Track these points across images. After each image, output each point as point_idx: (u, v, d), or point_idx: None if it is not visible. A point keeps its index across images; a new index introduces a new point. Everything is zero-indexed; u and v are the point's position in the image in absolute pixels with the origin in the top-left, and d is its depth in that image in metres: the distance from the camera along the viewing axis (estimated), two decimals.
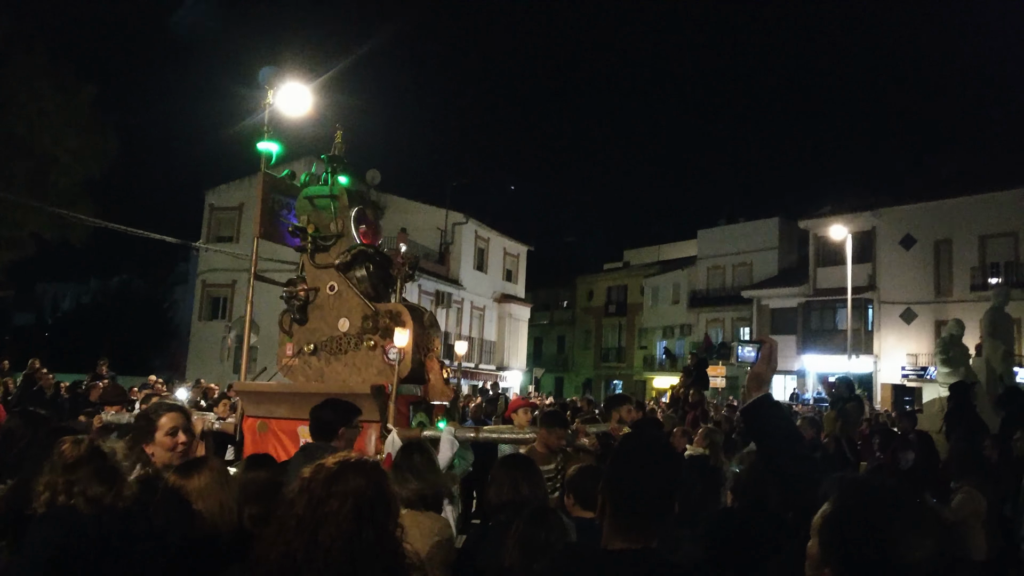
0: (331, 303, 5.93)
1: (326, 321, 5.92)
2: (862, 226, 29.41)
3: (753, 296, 34.56)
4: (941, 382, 11.34)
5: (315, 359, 5.87)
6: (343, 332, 5.82)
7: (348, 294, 5.87)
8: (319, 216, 6.00)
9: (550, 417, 5.11)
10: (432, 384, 5.90)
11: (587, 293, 50.61)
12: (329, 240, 5.98)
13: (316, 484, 1.94)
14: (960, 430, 7.39)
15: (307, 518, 1.89)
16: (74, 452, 2.41)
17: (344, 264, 5.86)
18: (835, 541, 1.37)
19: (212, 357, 23.71)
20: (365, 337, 5.71)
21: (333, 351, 5.83)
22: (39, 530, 2.28)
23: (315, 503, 1.90)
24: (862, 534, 1.33)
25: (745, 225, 38.53)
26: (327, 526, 1.86)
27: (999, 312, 11.43)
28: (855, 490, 1.40)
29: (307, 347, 5.88)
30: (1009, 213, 26.20)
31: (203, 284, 31.02)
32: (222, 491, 2.59)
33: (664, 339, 42.49)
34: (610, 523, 1.94)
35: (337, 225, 5.98)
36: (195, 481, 2.58)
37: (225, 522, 2.56)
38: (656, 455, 2.04)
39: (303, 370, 5.91)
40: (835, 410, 10.32)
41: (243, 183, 28.67)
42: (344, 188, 6.03)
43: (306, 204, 6.03)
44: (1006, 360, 11.11)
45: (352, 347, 5.78)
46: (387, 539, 1.94)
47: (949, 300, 27.15)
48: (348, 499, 1.90)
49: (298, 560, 1.84)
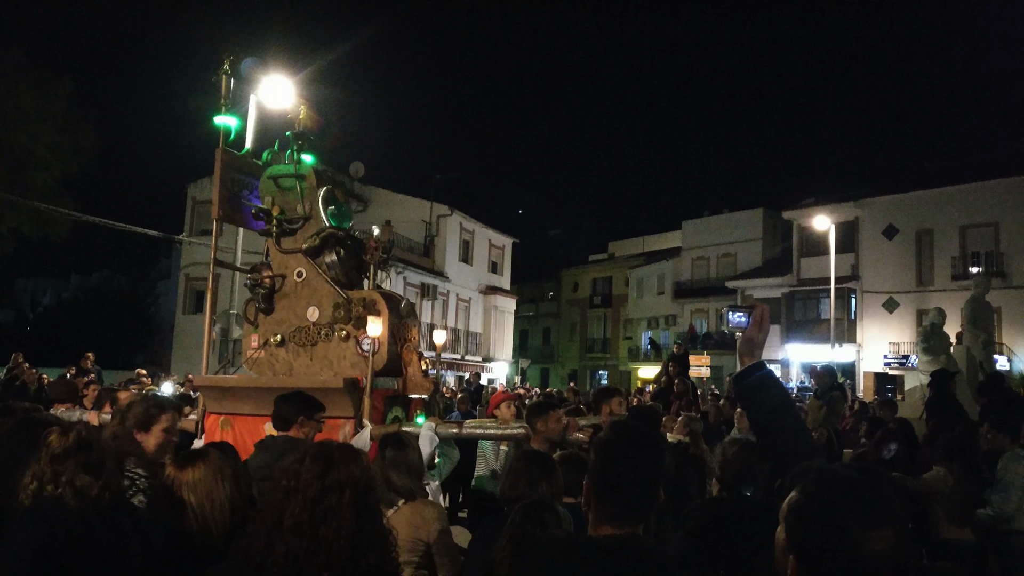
0: (299, 291, 5.53)
1: (294, 311, 5.52)
2: (845, 216, 29.65)
3: (737, 287, 34.76)
4: (922, 370, 11.48)
5: (283, 351, 5.49)
6: (312, 322, 5.44)
7: (317, 281, 5.48)
8: (285, 197, 5.58)
9: (542, 405, 4.81)
10: (410, 377, 5.51)
11: (572, 285, 50.71)
12: (296, 223, 5.56)
13: (307, 481, 1.89)
14: (939, 417, 7.48)
15: (306, 520, 1.85)
16: (62, 443, 2.38)
17: (313, 249, 5.48)
18: (797, 530, 1.39)
19: (197, 351, 23.53)
20: (337, 327, 5.33)
21: (302, 342, 5.44)
22: (25, 522, 2.24)
23: (312, 501, 1.86)
24: (822, 525, 1.34)
25: (729, 216, 38.72)
26: (329, 522, 1.84)
27: (979, 301, 11.59)
28: (818, 480, 1.41)
29: (274, 338, 5.48)
30: (989, 203, 26.53)
31: (186, 278, 30.76)
32: (216, 486, 2.55)
33: (649, 330, 42.69)
34: (596, 511, 1.96)
35: (304, 207, 5.54)
36: (189, 474, 2.55)
37: (216, 519, 2.51)
38: (641, 443, 2.06)
39: (270, 363, 5.53)
40: (821, 400, 10.40)
41: None
42: (311, 168, 5.63)
43: (270, 185, 5.60)
44: (986, 348, 11.28)
45: (323, 338, 5.39)
46: (381, 528, 1.94)
47: (931, 289, 27.47)
48: (345, 490, 1.88)
49: (300, 559, 1.82)
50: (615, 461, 1.98)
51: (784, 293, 32.28)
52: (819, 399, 10.60)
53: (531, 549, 1.97)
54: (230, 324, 15.92)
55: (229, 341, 15.93)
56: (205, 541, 2.46)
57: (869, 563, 1.30)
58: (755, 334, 2.19)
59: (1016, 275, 25.89)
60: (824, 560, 1.33)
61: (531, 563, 1.92)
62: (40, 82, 22.73)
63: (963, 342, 11.45)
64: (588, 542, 1.91)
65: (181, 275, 31.35)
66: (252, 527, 1.96)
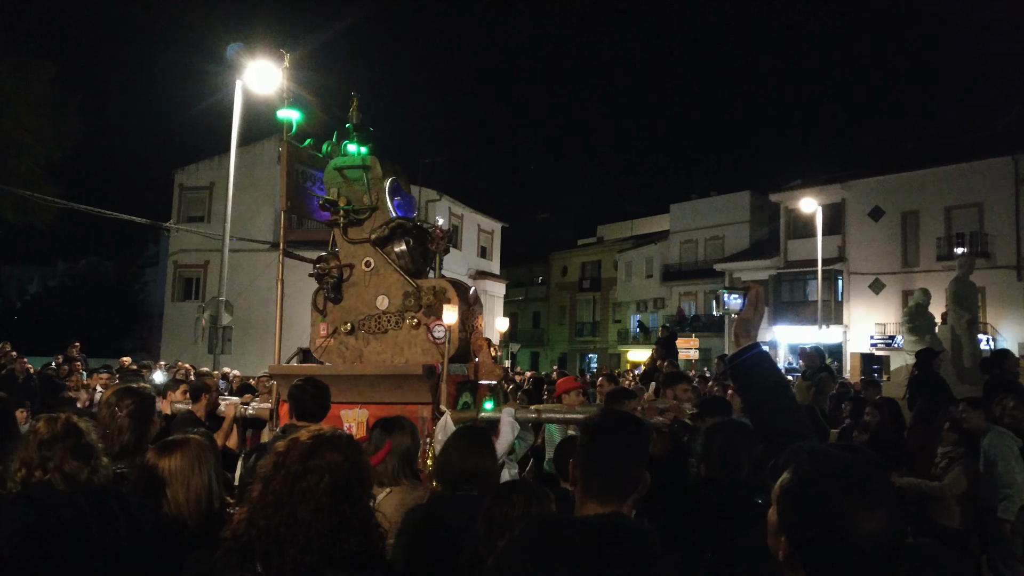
0: (368, 280, 5.63)
1: (362, 299, 5.63)
2: (831, 198, 29.80)
3: (725, 269, 34.93)
4: (908, 350, 11.60)
5: (352, 339, 5.60)
6: (382, 310, 5.55)
7: (386, 270, 5.59)
8: (350, 188, 5.67)
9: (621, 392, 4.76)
10: (481, 363, 5.64)
11: (561, 269, 50.77)
12: (363, 214, 5.65)
13: (292, 460, 1.94)
14: (924, 396, 7.58)
15: (285, 494, 1.90)
16: (50, 429, 2.39)
17: (381, 239, 5.56)
18: (790, 511, 1.40)
19: (186, 338, 23.41)
20: (407, 315, 5.45)
21: (372, 330, 5.55)
22: (13, 506, 2.26)
23: (292, 479, 1.91)
24: (815, 505, 1.35)
25: (717, 199, 38.81)
26: (306, 502, 1.88)
27: (963, 281, 11.67)
28: (811, 460, 1.42)
29: (343, 327, 5.59)
30: (973, 184, 26.72)
31: (175, 265, 30.56)
32: (193, 475, 2.53)
33: (638, 313, 42.86)
34: (582, 490, 2.01)
35: (371, 197, 5.65)
36: (167, 462, 2.55)
37: (192, 507, 2.50)
38: (628, 425, 2.12)
39: (339, 351, 5.63)
40: (810, 380, 10.51)
41: (213, 162, 28.21)
42: (376, 159, 5.72)
43: (336, 176, 5.69)
44: (970, 328, 11.40)
45: (393, 326, 5.50)
46: (364, 512, 1.97)
47: (916, 270, 27.70)
48: (325, 474, 1.91)
49: (280, 536, 1.85)
50: (602, 442, 2.04)
51: (771, 275, 32.46)
52: (807, 380, 10.73)
53: (519, 530, 2.00)
54: (219, 311, 15.85)
55: (219, 328, 15.87)
56: (180, 529, 2.46)
57: (862, 543, 1.30)
58: (751, 315, 2.20)
59: (1000, 255, 26.16)
60: (817, 540, 1.34)
61: (517, 544, 1.94)
62: (21, 66, 22.39)
63: (947, 322, 11.56)
64: (574, 520, 1.95)
65: (169, 262, 31.12)
66: (242, 508, 2.00)
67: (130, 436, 3.03)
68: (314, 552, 1.85)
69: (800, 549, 1.37)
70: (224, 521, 2.24)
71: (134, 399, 3.14)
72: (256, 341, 25.17)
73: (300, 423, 3.87)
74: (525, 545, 1.90)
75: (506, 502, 2.49)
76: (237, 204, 18.08)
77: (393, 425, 3.48)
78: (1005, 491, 5.47)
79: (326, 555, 1.85)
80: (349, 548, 1.88)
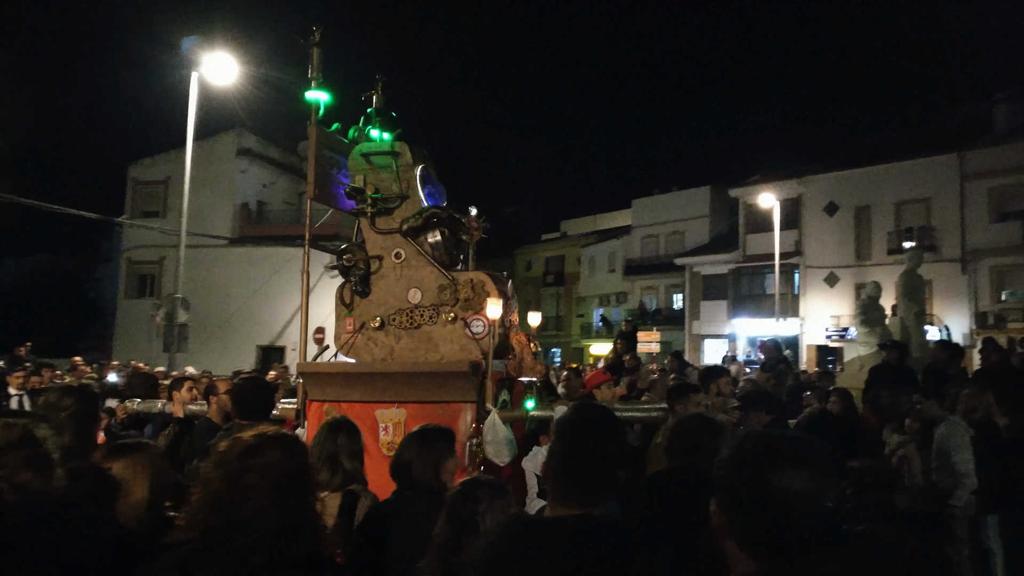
0: (398, 272, 5.29)
1: (392, 293, 5.29)
2: (789, 194, 30.38)
3: (686, 263, 35.38)
4: (860, 342, 11.93)
5: (382, 334, 5.26)
6: (414, 304, 5.22)
7: (418, 262, 5.27)
8: (378, 176, 5.33)
9: (682, 388, 4.66)
10: (521, 359, 5.40)
11: (526, 263, 50.86)
12: (392, 202, 5.31)
13: (232, 458, 1.88)
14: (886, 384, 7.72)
15: (225, 494, 1.83)
16: (5, 437, 2.30)
17: (414, 229, 5.24)
18: (720, 481, 1.47)
19: (140, 337, 22.90)
20: (442, 309, 5.14)
21: (404, 325, 5.22)
22: None
23: (233, 478, 1.84)
24: (739, 468, 1.42)
25: (678, 194, 39.23)
26: (249, 501, 1.81)
27: (912, 274, 12.03)
28: (744, 436, 1.52)
29: (372, 322, 5.24)
30: (922, 180, 27.49)
31: (128, 261, 29.84)
32: (135, 483, 2.44)
33: (601, 307, 43.17)
34: (554, 490, 1.99)
35: (401, 186, 5.31)
36: (116, 466, 2.46)
37: (130, 516, 2.41)
38: (602, 425, 2.09)
39: (367, 347, 5.29)
40: (769, 372, 10.74)
41: (169, 156, 27.57)
42: (406, 144, 5.43)
43: (362, 163, 5.35)
44: (918, 320, 11.77)
45: (427, 320, 5.18)
46: (309, 511, 1.92)
47: (868, 264, 28.40)
48: (268, 473, 1.85)
49: (222, 539, 1.79)
50: (576, 442, 2.02)
51: (731, 269, 33.03)
52: (767, 371, 10.97)
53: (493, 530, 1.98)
54: (175, 309, 15.54)
55: (174, 326, 15.56)
56: (133, 537, 2.38)
57: (781, 500, 1.33)
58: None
59: (946, 249, 26.97)
60: (742, 501, 1.38)
61: (486, 544, 1.92)
62: None
63: (897, 314, 11.91)
64: (551, 521, 1.93)
65: (123, 259, 30.40)
66: (185, 511, 1.94)
67: (71, 439, 2.87)
68: (260, 554, 1.78)
69: (730, 513, 1.42)
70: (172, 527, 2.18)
71: (75, 398, 3.02)
72: (216, 339, 24.73)
73: (244, 422, 3.76)
74: (502, 546, 1.87)
75: (470, 498, 2.49)
76: (194, 199, 17.71)
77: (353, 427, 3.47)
78: (956, 479, 5.69)
79: (273, 557, 1.79)
80: (297, 549, 1.82)
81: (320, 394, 5.09)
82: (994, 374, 7.75)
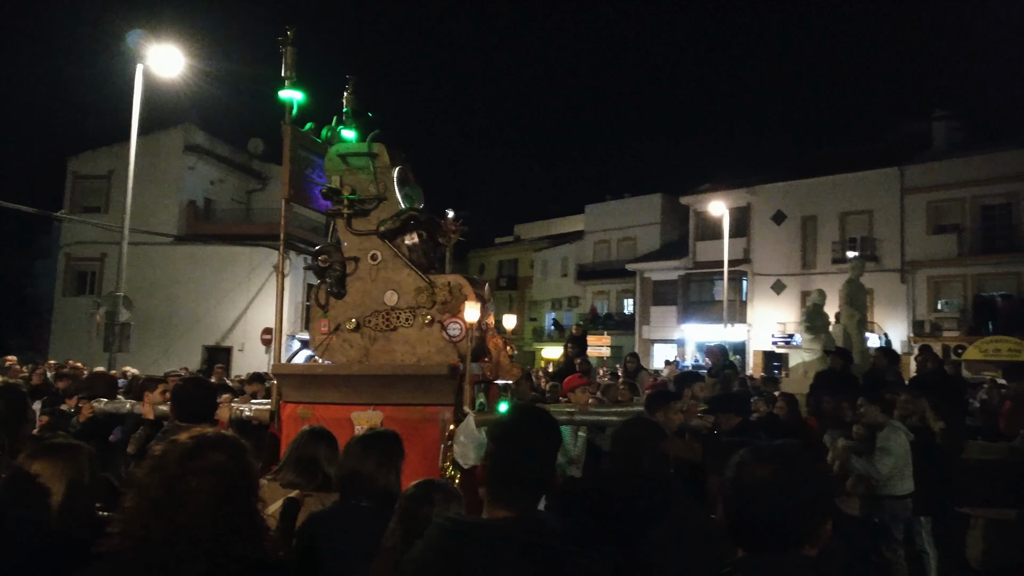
0: (375, 274, 5.30)
1: (369, 294, 5.30)
2: (738, 202, 31.04)
3: (637, 269, 35.83)
4: (805, 348, 12.24)
5: (357, 336, 5.26)
6: (391, 306, 5.24)
7: (395, 264, 5.30)
8: (354, 176, 5.33)
9: (662, 395, 4.70)
10: (497, 362, 5.44)
11: (479, 267, 50.80)
12: (369, 204, 5.32)
13: (170, 462, 1.81)
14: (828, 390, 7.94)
15: (163, 499, 1.76)
16: None
17: (391, 231, 5.26)
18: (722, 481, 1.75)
19: (79, 335, 22.11)
20: (420, 311, 5.16)
21: (379, 327, 5.24)
22: None
23: (170, 482, 1.78)
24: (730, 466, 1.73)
25: (630, 201, 39.70)
26: (187, 506, 1.75)
27: (855, 283, 12.41)
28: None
29: (348, 323, 5.25)
30: (865, 193, 28.46)
31: (67, 258, 28.86)
32: (54, 486, 2.32)
33: (553, 311, 43.41)
34: (491, 493, 1.99)
35: (378, 187, 5.32)
36: (41, 467, 2.34)
37: (75, 520, 2.31)
38: (538, 428, 2.10)
39: (343, 348, 5.29)
40: (715, 378, 10.91)
41: (112, 150, 26.72)
42: (383, 146, 5.40)
43: (338, 163, 5.35)
44: (860, 327, 12.14)
45: (403, 323, 5.22)
46: (251, 515, 1.88)
47: (814, 272, 29.22)
48: (208, 476, 1.79)
49: (160, 546, 1.73)
50: (513, 445, 2.02)
51: (680, 275, 33.58)
52: (713, 376, 11.15)
53: (427, 533, 1.96)
54: (117, 307, 15.03)
55: (116, 324, 15.06)
56: (65, 543, 2.26)
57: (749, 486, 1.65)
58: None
59: (887, 259, 27.95)
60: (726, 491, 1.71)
61: (422, 548, 1.91)
62: None
63: (840, 321, 12.26)
64: (486, 523, 1.93)
65: (61, 254, 29.37)
66: (117, 517, 1.85)
67: None
68: (201, 561, 1.72)
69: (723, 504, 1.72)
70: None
71: (2, 399, 2.92)
72: (159, 339, 24.05)
73: (183, 424, 3.63)
74: (437, 549, 1.87)
75: (424, 500, 2.46)
76: (139, 195, 17.20)
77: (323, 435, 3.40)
78: (895, 482, 5.90)
79: (215, 563, 1.74)
80: (240, 554, 1.77)
81: (296, 395, 5.09)
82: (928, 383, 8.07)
